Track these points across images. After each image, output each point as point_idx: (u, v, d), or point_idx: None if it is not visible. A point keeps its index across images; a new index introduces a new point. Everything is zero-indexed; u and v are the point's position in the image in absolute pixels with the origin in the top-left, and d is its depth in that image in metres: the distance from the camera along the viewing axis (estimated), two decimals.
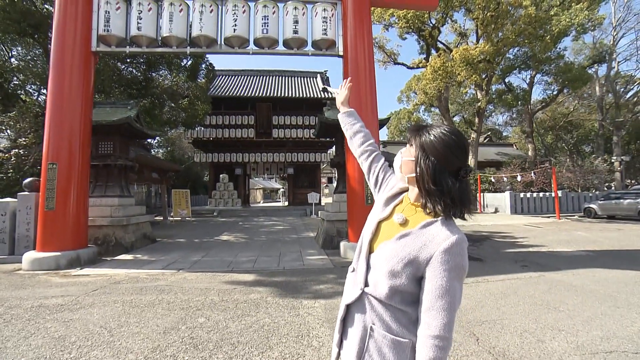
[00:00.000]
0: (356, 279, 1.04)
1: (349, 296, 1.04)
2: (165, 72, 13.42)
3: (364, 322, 0.98)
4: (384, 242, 0.99)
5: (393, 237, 0.97)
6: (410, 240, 0.94)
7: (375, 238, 1.05)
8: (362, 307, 1.00)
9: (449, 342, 0.87)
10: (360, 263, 1.05)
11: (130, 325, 3.17)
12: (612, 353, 2.58)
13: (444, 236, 0.90)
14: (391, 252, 0.95)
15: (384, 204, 1.11)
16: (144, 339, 2.86)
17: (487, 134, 33.05)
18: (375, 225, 1.06)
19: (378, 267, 0.98)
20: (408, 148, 1.02)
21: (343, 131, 1.38)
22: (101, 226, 7.57)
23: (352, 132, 1.33)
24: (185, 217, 16.72)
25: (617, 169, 22.66)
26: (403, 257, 0.92)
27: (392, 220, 1.04)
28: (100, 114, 8.17)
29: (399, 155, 1.05)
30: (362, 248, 1.06)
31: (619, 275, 4.96)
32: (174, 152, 33.80)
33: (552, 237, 9.03)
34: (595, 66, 23.95)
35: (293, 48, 7.25)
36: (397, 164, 1.05)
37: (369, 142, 1.30)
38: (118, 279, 5.15)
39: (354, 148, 1.32)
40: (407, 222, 0.99)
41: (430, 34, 19.28)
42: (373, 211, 1.12)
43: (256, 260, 6.66)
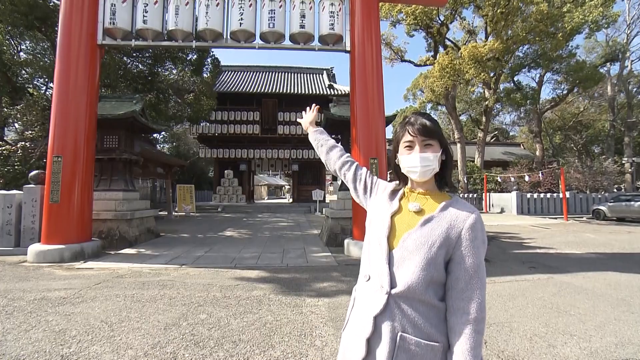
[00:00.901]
0: (376, 284, 0.95)
1: (373, 306, 0.94)
2: (171, 67, 13.39)
3: (391, 332, 0.90)
4: (407, 233, 0.95)
5: (416, 224, 0.96)
6: (435, 223, 0.94)
7: (392, 233, 0.99)
8: (391, 315, 0.92)
9: (485, 322, 0.90)
10: (378, 266, 0.97)
11: (131, 320, 3.14)
12: None
13: (466, 213, 0.94)
14: (420, 239, 0.92)
15: (387, 202, 1.07)
16: (145, 334, 2.82)
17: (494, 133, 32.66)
18: (389, 220, 1.01)
19: (407, 261, 0.92)
20: (425, 146, 1.00)
21: (315, 149, 1.37)
22: (105, 220, 7.59)
23: (328, 147, 1.33)
24: (190, 212, 16.77)
25: (628, 171, 22.24)
26: (434, 241, 0.91)
27: (405, 211, 1.02)
28: (106, 107, 8.17)
29: (414, 157, 1.00)
30: (377, 249, 0.99)
31: (631, 279, 4.82)
32: (180, 148, 33.95)
33: (560, 239, 8.86)
34: (607, 65, 23.44)
35: (300, 43, 7.15)
36: (413, 163, 1.00)
37: (346, 154, 1.31)
38: (121, 273, 5.14)
39: (332, 162, 1.30)
40: (422, 209, 1.00)
41: (438, 31, 19.02)
42: (378, 210, 1.07)
43: (260, 256, 6.62)
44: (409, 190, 1.07)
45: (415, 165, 0.99)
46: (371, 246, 1.02)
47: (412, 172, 1.01)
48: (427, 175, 1.00)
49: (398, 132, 1.08)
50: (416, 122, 1.01)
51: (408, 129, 1.02)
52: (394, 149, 1.09)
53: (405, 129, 1.03)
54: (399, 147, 1.06)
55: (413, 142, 1.01)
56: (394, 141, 1.10)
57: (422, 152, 0.99)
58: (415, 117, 1.03)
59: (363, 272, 1.04)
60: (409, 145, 1.02)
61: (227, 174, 21.79)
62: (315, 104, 1.46)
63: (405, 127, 1.03)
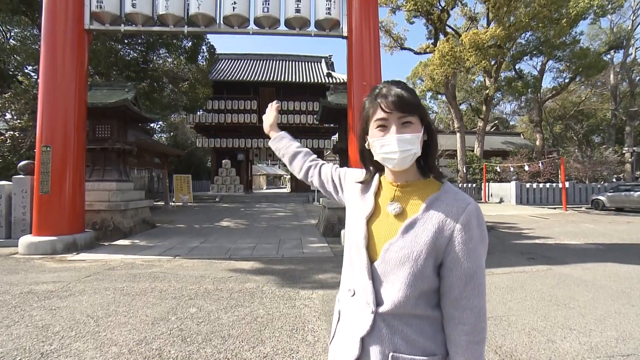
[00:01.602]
0: (361, 301, 0.81)
1: (360, 326, 0.80)
2: (166, 54, 13.06)
3: (381, 354, 0.77)
4: (388, 243, 0.79)
5: (397, 232, 0.79)
6: (420, 228, 0.77)
7: (371, 242, 0.82)
8: (379, 335, 0.78)
9: (485, 331, 0.77)
10: (360, 281, 0.82)
11: (119, 314, 3.05)
12: (630, 357, 2.40)
13: (458, 209, 0.77)
14: (404, 251, 0.76)
15: (360, 199, 0.90)
16: (131, 330, 2.73)
17: (494, 123, 32.38)
18: (365, 227, 0.84)
19: (391, 275, 0.78)
20: (403, 125, 0.79)
21: (280, 157, 1.22)
22: (99, 211, 7.48)
23: (291, 155, 1.16)
24: (187, 202, 16.67)
25: (628, 160, 22.13)
26: (420, 252, 0.75)
27: (384, 213, 0.84)
28: (97, 96, 7.95)
29: (389, 139, 0.78)
30: (357, 260, 0.83)
31: (631, 271, 4.74)
32: (177, 137, 33.65)
33: (559, 229, 8.80)
34: (611, 53, 23.05)
35: (295, 28, 6.91)
36: (389, 148, 0.79)
37: (310, 158, 1.15)
38: (113, 264, 5.05)
39: (297, 171, 1.15)
40: (404, 210, 0.81)
41: (439, 18, 18.56)
42: (352, 210, 0.91)
43: (255, 247, 6.54)
44: (385, 181, 0.88)
45: (391, 150, 0.78)
46: (352, 254, 0.87)
47: (389, 159, 0.80)
48: (406, 162, 0.79)
49: (367, 107, 0.84)
50: (390, 92, 0.79)
51: (380, 102, 0.79)
52: (362, 129, 0.87)
53: (376, 104, 0.81)
54: (369, 128, 0.84)
55: (387, 120, 0.79)
56: (362, 120, 0.87)
57: (399, 132, 0.77)
58: (388, 87, 0.80)
59: (346, 284, 0.88)
60: (382, 124, 0.80)
61: (224, 163, 21.62)
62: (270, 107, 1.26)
63: (377, 101, 0.80)
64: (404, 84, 0.82)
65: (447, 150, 21.56)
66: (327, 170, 1.08)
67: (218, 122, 21.04)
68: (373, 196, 0.88)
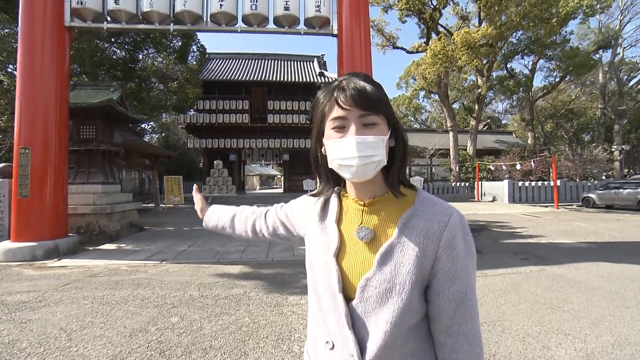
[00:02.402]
0: (344, 354, 0.66)
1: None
2: (154, 54, 12.79)
3: None
4: (364, 279, 0.65)
5: (373, 265, 0.65)
6: (399, 253, 0.65)
7: (346, 281, 0.68)
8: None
9: (481, 357, 0.67)
10: (339, 332, 0.67)
11: (95, 326, 2.88)
12: None
13: (439, 223, 0.65)
14: (384, 285, 0.64)
15: (319, 230, 0.75)
16: (106, 343, 2.57)
17: (486, 122, 32.58)
18: (336, 266, 0.68)
19: (374, 315, 0.65)
20: (366, 126, 0.65)
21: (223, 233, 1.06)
22: (84, 214, 7.24)
23: (229, 221, 1.01)
24: (178, 204, 16.40)
25: (617, 158, 22.43)
26: (404, 282, 0.63)
27: (352, 242, 0.70)
28: (81, 96, 7.70)
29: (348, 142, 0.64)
30: (330, 308, 0.69)
31: (623, 270, 4.71)
32: (169, 138, 33.21)
33: (551, 228, 8.80)
34: (599, 52, 23.31)
35: (284, 26, 6.77)
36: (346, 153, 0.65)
37: (250, 212, 1.00)
38: (96, 271, 4.86)
39: (244, 231, 0.98)
40: (376, 235, 0.68)
41: (431, 17, 18.56)
42: (313, 247, 0.75)
43: (244, 250, 6.39)
44: (347, 201, 0.74)
45: (349, 155, 0.63)
46: (322, 299, 0.71)
47: (345, 167, 0.65)
48: (368, 172, 0.65)
49: (321, 103, 0.69)
50: (349, 85, 0.65)
51: (338, 97, 0.64)
52: (317, 131, 0.71)
53: (332, 99, 0.66)
54: (325, 128, 0.68)
55: (346, 119, 0.65)
56: (316, 120, 0.71)
57: (359, 134, 0.63)
58: (349, 79, 0.66)
59: (321, 334, 0.72)
60: (339, 124, 0.65)
61: (216, 164, 21.32)
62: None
63: (333, 95, 0.66)
64: (368, 76, 0.68)
65: (440, 149, 21.60)
66: (273, 213, 0.94)
67: (209, 123, 20.75)
68: (335, 224, 0.72)
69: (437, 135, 23.78)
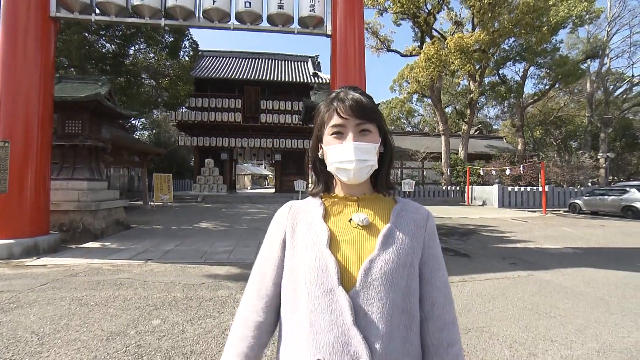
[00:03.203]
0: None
1: None
2: (146, 49, 12.56)
3: None
4: (368, 261, 0.66)
5: (376, 246, 0.68)
6: (398, 236, 0.70)
7: (343, 271, 0.66)
8: None
9: None
10: (336, 334, 0.62)
11: (70, 329, 2.75)
12: None
13: (422, 216, 0.76)
14: (390, 264, 0.66)
15: (303, 232, 0.73)
16: (81, 348, 2.45)
17: (477, 127, 33.02)
18: (332, 256, 0.67)
19: (379, 302, 0.64)
20: (362, 133, 0.73)
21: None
22: (67, 211, 7.03)
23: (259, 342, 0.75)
24: (167, 202, 16.15)
25: (602, 166, 22.93)
26: (406, 263, 0.68)
27: (345, 231, 0.72)
28: (67, 89, 7.49)
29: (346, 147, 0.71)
30: (324, 309, 0.63)
31: (608, 276, 4.77)
32: (160, 135, 32.74)
33: (539, 233, 8.91)
34: (587, 61, 23.85)
35: (278, 25, 6.70)
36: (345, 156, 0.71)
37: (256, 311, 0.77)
38: (77, 270, 4.70)
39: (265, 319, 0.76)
40: (372, 223, 0.73)
41: (425, 21, 18.71)
42: (298, 249, 0.72)
43: (233, 250, 6.28)
44: (337, 199, 0.78)
45: (347, 159, 0.71)
46: (309, 307, 0.65)
47: (343, 170, 0.72)
48: (363, 174, 0.73)
49: (322, 112, 0.77)
50: (347, 97, 0.73)
51: (337, 107, 0.73)
52: (316, 137, 0.79)
53: (332, 108, 0.74)
54: (324, 135, 0.76)
55: (344, 127, 0.73)
56: (315, 126, 0.79)
57: (357, 140, 0.71)
58: (346, 91, 0.75)
59: (305, 355, 0.64)
60: (338, 131, 0.73)
61: (207, 162, 21.08)
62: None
63: (333, 105, 0.74)
64: (361, 90, 0.77)
65: (432, 152, 21.76)
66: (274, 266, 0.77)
67: (201, 120, 20.52)
68: (322, 219, 0.74)
69: (429, 139, 23.97)
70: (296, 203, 0.81)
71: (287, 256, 0.74)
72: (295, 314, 0.69)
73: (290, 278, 0.72)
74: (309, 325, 0.65)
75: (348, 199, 0.77)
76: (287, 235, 0.75)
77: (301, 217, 0.76)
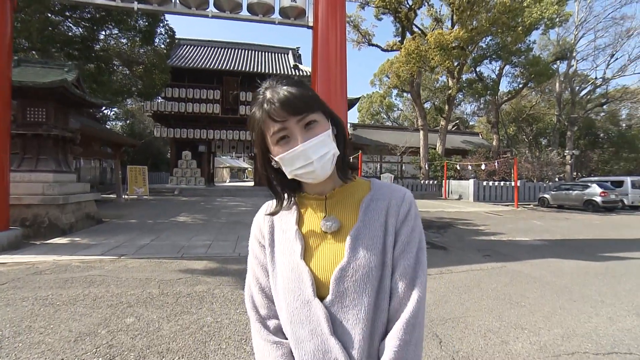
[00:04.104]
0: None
1: None
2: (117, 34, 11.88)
3: None
4: (338, 270, 0.64)
5: (345, 253, 0.65)
6: (367, 235, 0.66)
7: (317, 281, 0.66)
8: None
9: None
10: (315, 344, 0.63)
11: (33, 331, 2.59)
12: (574, 355, 2.45)
13: (397, 199, 0.70)
14: (362, 270, 0.64)
15: (280, 239, 0.72)
16: (45, 351, 2.31)
17: (455, 122, 33.91)
18: (306, 267, 0.66)
19: (354, 309, 0.63)
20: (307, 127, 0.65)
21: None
22: (30, 205, 6.61)
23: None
24: (142, 195, 15.56)
25: (568, 162, 24.25)
26: (378, 263, 0.65)
27: (317, 238, 0.70)
28: (28, 74, 6.97)
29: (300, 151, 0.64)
30: (303, 320, 0.64)
31: (572, 265, 5.06)
32: (134, 126, 31.38)
33: (511, 226, 9.32)
34: (557, 63, 24.96)
35: (258, 14, 6.51)
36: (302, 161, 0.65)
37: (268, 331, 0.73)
38: (41, 268, 4.43)
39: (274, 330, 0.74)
40: (342, 225, 0.69)
41: (406, 16, 18.85)
42: (277, 258, 0.72)
43: (211, 244, 6.14)
44: (306, 199, 0.74)
45: (306, 162, 0.64)
46: (289, 318, 0.67)
47: (306, 173, 0.66)
48: (327, 169, 0.66)
49: (257, 120, 0.67)
50: (274, 96, 0.64)
51: (270, 112, 0.64)
52: (260, 150, 0.71)
53: (265, 115, 0.65)
54: (270, 145, 0.68)
55: (287, 129, 0.64)
56: (256, 138, 0.69)
57: (306, 138, 0.64)
58: (272, 89, 0.65)
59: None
60: (282, 136, 0.65)
61: (184, 155, 20.47)
62: None
63: (264, 111, 0.65)
64: (289, 79, 0.68)
65: (410, 147, 22.16)
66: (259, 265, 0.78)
67: (178, 111, 19.81)
68: (295, 226, 0.71)
69: (408, 134, 24.38)
70: (272, 205, 0.77)
71: (268, 261, 0.74)
72: (280, 320, 0.71)
73: (272, 282, 0.73)
74: (291, 334, 0.67)
75: (317, 198, 0.72)
76: (266, 241, 0.75)
77: (277, 221, 0.75)
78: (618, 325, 2.98)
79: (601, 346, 2.58)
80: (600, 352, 2.50)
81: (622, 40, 24.54)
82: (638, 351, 2.51)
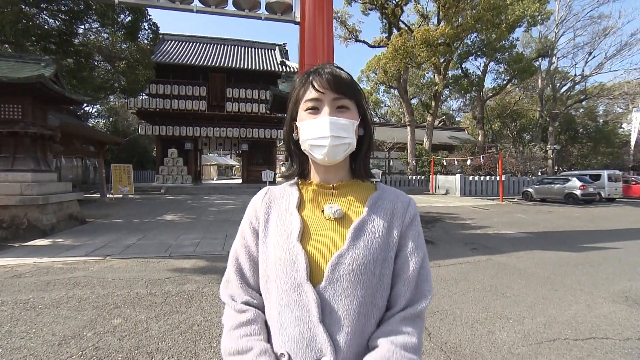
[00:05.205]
0: (306, 357, 0.61)
1: None
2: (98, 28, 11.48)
3: None
4: (336, 256, 0.64)
5: (345, 240, 0.65)
6: (370, 229, 0.66)
7: (312, 265, 0.64)
8: None
9: None
10: (301, 330, 0.61)
11: (13, 336, 2.51)
12: (555, 341, 2.54)
13: (402, 204, 0.72)
14: (359, 260, 0.63)
15: (276, 221, 0.72)
16: (27, 356, 2.24)
17: (441, 118, 34.39)
18: (302, 250, 0.65)
19: (345, 299, 0.62)
20: (339, 109, 0.67)
21: None
22: (7, 206, 6.38)
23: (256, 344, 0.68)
24: (127, 194, 15.21)
25: (550, 157, 24.96)
26: (377, 257, 0.64)
27: (318, 223, 0.69)
28: (2, 68, 6.68)
29: (321, 121, 0.66)
30: (292, 304, 0.63)
31: (553, 257, 5.23)
32: (117, 123, 30.54)
33: (496, 219, 9.55)
34: (539, 60, 25.56)
35: (244, 9, 6.40)
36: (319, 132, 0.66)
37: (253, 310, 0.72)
38: (21, 270, 4.29)
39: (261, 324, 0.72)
40: (345, 214, 0.70)
41: (393, 12, 18.91)
42: (270, 239, 0.70)
43: (199, 243, 6.07)
44: (312, 187, 0.74)
45: (322, 135, 0.65)
46: (277, 300, 0.65)
47: (317, 147, 0.66)
48: (339, 153, 0.67)
49: (297, 87, 0.71)
50: (324, 70, 0.68)
51: (313, 81, 0.67)
52: (290, 115, 0.73)
53: (308, 83, 0.68)
54: (299, 111, 0.71)
55: (320, 101, 0.67)
56: (290, 104, 0.73)
57: (332, 115, 0.66)
58: (324, 66, 0.70)
59: (276, 347, 0.65)
60: (313, 106, 0.67)
61: (170, 153, 20.07)
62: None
63: (309, 80, 0.68)
64: (341, 67, 0.72)
65: (398, 143, 22.36)
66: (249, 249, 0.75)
67: (163, 108, 19.38)
68: (296, 209, 0.70)
69: (396, 130, 24.59)
70: (272, 189, 0.78)
71: (260, 244, 0.73)
72: (267, 304, 0.70)
73: (263, 265, 0.72)
74: (277, 317, 0.66)
75: (324, 186, 0.73)
76: (260, 224, 0.74)
77: (275, 204, 0.74)
78: (595, 312, 3.10)
79: (580, 332, 2.69)
80: (579, 337, 2.60)
81: (600, 38, 25.30)
82: (614, 336, 2.62)
